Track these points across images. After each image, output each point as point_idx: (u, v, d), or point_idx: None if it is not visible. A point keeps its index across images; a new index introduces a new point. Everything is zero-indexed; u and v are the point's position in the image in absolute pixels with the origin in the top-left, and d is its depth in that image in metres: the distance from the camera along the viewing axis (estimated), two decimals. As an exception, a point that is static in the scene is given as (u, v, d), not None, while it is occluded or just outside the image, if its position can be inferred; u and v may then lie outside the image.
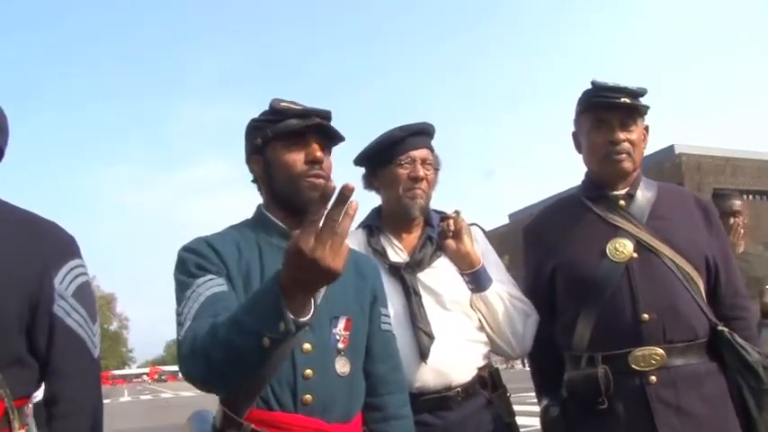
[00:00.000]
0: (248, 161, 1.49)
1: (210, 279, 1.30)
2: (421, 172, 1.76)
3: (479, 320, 1.77)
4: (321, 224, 0.99)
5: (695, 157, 46.29)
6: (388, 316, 1.54)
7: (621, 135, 1.73)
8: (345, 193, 0.98)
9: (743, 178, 48.03)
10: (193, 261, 1.34)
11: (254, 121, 1.47)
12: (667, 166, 45.85)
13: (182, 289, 1.31)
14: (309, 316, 1.07)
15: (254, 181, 1.51)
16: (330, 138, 1.44)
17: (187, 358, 1.18)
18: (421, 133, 1.81)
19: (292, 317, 1.04)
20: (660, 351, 1.60)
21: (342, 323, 1.38)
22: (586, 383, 1.63)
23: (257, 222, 1.46)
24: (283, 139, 1.40)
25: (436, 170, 1.83)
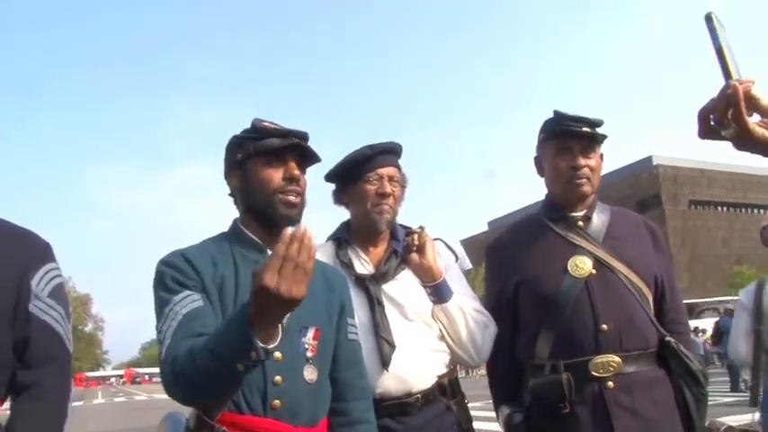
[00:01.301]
0: (227, 176, 1.55)
1: (187, 296, 1.36)
2: (388, 188, 1.84)
3: (440, 330, 1.84)
4: (282, 260, 1.10)
5: (672, 168, 46.87)
6: (354, 326, 1.60)
7: (582, 161, 1.85)
8: (297, 233, 1.11)
9: (718, 190, 48.76)
10: (170, 275, 1.39)
11: (235, 137, 1.53)
12: (645, 176, 46.38)
13: (160, 305, 1.37)
14: (277, 341, 1.17)
15: (232, 195, 1.56)
16: (307, 158, 1.52)
17: (171, 384, 1.27)
18: (389, 152, 1.89)
19: (262, 345, 1.13)
20: (617, 359, 1.72)
21: (311, 333, 1.44)
22: (551, 389, 1.72)
23: (233, 236, 1.52)
24: (263, 156, 1.47)
25: (403, 187, 1.91)
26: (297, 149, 1.49)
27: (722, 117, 0.93)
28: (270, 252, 1.45)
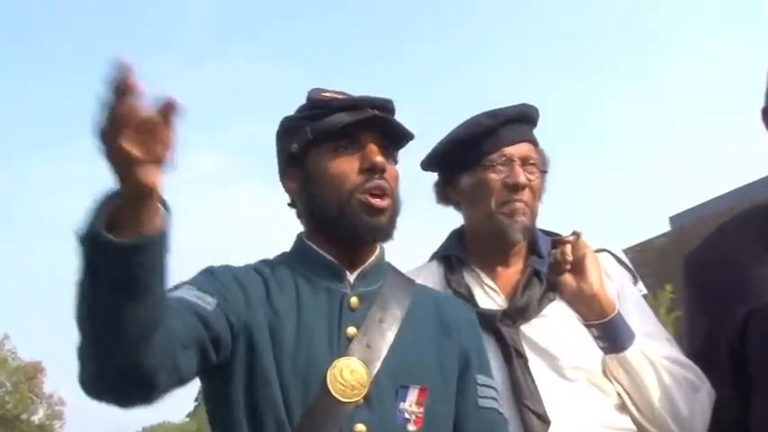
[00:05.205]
0: (282, 177, 1.49)
1: (206, 295, 1.29)
2: (522, 177, 1.67)
3: (618, 396, 1.65)
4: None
5: None
6: (491, 387, 1.48)
7: None
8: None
9: None
10: (211, 276, 1.36)
11: (287, 120, 1.47)
12: None
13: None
14: (146, 232, 1.01)
15: (292, 204, 1.50)
16: (393, 137, 1.44)
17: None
18: (520, 120, 1.74)
19: (96, 224, 0.99)
20: None
21: (413, 395, 1.35)
22: None
23: (298, 256, 1.46)
24: (328, 142, 1.40)
25: (543, 173, 1.75)
26: (376, 125, 1.40)
27: None
28: (350, 276, 1.43)
